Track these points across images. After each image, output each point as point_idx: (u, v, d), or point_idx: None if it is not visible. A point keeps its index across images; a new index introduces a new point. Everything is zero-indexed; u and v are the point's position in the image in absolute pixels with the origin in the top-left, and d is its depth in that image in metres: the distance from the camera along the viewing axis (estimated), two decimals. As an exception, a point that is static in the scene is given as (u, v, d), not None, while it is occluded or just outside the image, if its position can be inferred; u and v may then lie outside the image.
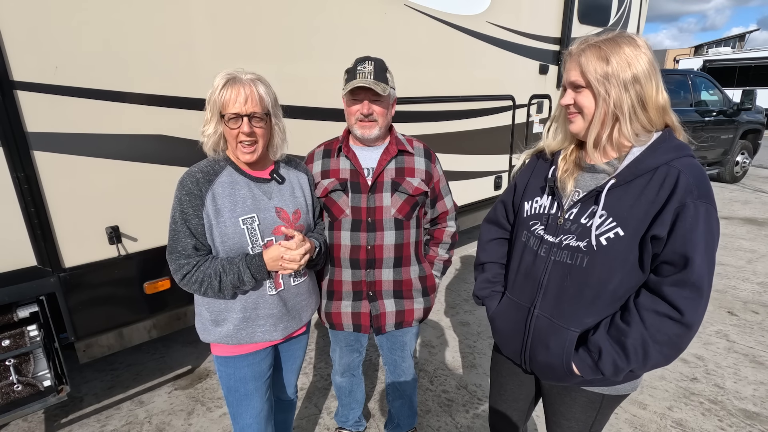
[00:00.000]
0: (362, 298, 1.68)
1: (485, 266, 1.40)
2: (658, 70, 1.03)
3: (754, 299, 3.66)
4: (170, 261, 1.32)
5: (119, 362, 2.91)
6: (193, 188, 1.29)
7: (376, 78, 1.48)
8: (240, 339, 1.39)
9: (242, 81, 1.27)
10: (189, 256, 1.30)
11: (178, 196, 1.30)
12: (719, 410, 2.37)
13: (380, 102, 1.53)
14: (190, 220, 1.29)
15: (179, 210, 1.29)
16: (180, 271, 1.30)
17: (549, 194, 1.19)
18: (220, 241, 1.32)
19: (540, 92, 4.36)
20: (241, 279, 1.29)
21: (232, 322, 1.38)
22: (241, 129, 1.27)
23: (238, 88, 1.26)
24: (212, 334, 1.41)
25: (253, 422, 1.49)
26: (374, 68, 1.49)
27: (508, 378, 1.40)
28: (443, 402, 2.48)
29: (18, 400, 1.79)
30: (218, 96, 1.26)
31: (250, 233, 1.34)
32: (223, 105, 1.26)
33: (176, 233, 1.30)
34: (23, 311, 1.89)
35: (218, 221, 1.31)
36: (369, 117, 1.53)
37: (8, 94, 1.67)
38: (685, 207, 0.96)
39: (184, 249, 1.30)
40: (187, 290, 1.35)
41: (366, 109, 1.51)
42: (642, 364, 1.03)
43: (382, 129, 1.57)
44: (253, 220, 1.34)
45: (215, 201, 1.31)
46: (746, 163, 7.99)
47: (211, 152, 1.37)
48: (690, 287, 0.96)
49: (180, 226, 1.29)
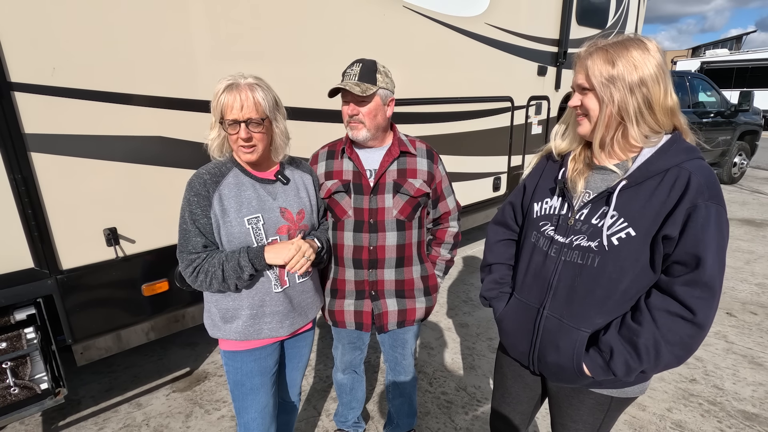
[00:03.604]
0: (365, 297, 1.70)
1: (493, 267, 1.41)
2: (668, 73, 1.03)
3: (752, 300, 3.66)
4: (180, 259, 1.37)
5: (117, 365, 2.90)
6: (200, 189, 1.34)
7: (360, 79, 1.49)
8: (248, 335, 1.44)
9: (240, 87, 1.29)
10: (198, 253, 1.35)
11: (187, 197, 1.35)
12: (718, 411, 2.37)
13: (364, 102, 1.52)
14: (199, 220, 1.34)
15: (188, 210, 1.34)
16: (191, 266, 1.34)
17: (559, 195, 1.20)
18: (227, 240, 1.37)
19: (538, 94, 4.37)
20: (240, 264, 1.32)
21: (241, 319, 1.42)
22: (239, 134, 1.31)
23: (234, 94, 1.28)
24: (221, 331, 1.45)
25: (257, 416, 1.52)
26: (360, 70, 1.50)
27: (513, 381, 1.40)
28: (442, 404, 2.47)
29: (15, 403, 1.78)
30: (217, 102, 1.30)
31: (255, 233, 1.38)
32: (223, 110, 1.30)
33: (186, 233, 1.35)
34: (20, 314, 1.88)
35: (225, 221, 1.35)
36: (354, 118, 1.54)
37: (6, 96, 1.67)
38: (696, 208, 0.97)
39: (194, 247, 1.35)
40: (196, 287, 1.37)
41: (351, 109, 1.53)
42: (654, 365, 1.03)
43: (370, 131, 1.56)
44: (258, 220, 1.38)
45: (222, 201, 1.35)
46: (744, 164, 8.01)
47: (218, 155, 1.41)
48: (702, 287, 0.97)
49: (190, 225, 1.34)
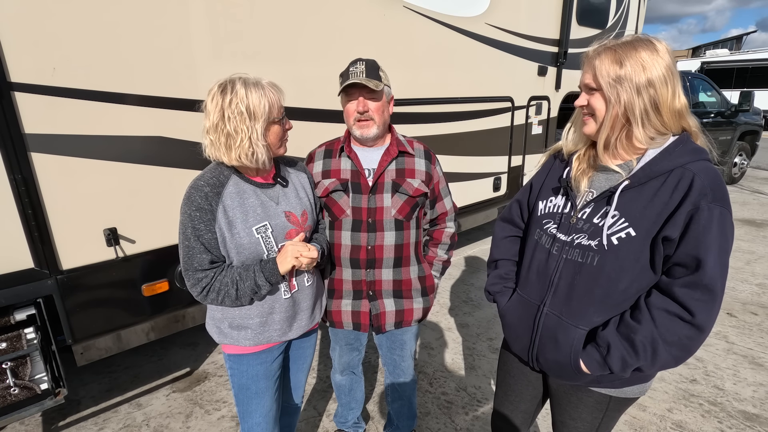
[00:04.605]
0: (362, 297, 1.69)
1: (498, 263, 1.42)
2: (677, 75, 1.02)
3: (753, 300, 3.66)
4: (187, 277, 1.30)
5: (117, 365, 2.89)
6: (203, 203, 1.26)
7: (368, 76, 1.50)
8: (258, 341, 1.41)
9: (261, 84, 1.29)
10: (205, 270, 1.29)
11: (188, 212, 1.26)
12: (719, 412, 2.37)
13: (374, 98, 1.54)
14: (203, 236, 1.27)
15: (191, 227, 1.26)
16: (199, 284, 1.29)
17: (563, 194, 1.21)
18: (236, 252, 1.31)
19: (539, 94, 4.36)
20: (257, 284, 1.30)
21: (251, 328, 1.39)
22: (288, 126, 1.39)
23: (263, 92, 1.28)
24: (229, 338, 1.41)
25: (262, 421, 1.50)
26: (366, 67, 1.51)
27: (516, 377, 1.41)
28: (442, 404, 2.47)
29: (15, 403, 1.78)
30: (259, 105, 1.26)
31: (265, 241, 1.34)
32: (269, 110, 1.29)
33: (191, 250, 1.28)
34: (20, 314, 1.88)
35: (232, 233, 1.29)
36: (365, 114, 1.54)
37: (6, 96, 1.67)
38: (699, 210, 0.96)
39: (200, 265, 1.28)
40: (205, 303, 1.34)
41: (361, 105, 1.52)
42: (651, 363, 1.03)
43: (380, 128, 1.58)
44: (266, 228, 1.34)
45: (227, 213, 1.29)
46: (744, 164, 8.01)
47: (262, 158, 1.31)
48: (702, 289, 0.97)
49: (194, 242, 1.27)
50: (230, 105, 1.22)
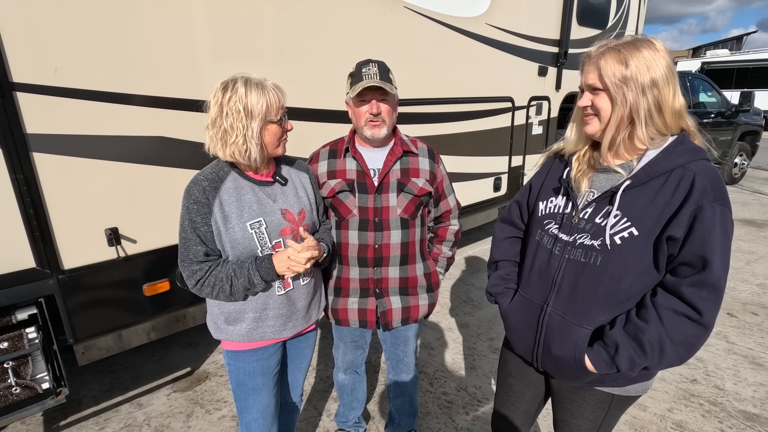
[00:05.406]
0: (369, 295, 1.71)
1: (499, 264, 1.43)
2: (676, 75, 1.03)
3: (753, 300, 3.66)
4: (183, 268, 1.34)
5: (118, 364, 2.90)
6: (200, 197, 1.31)
7: (381, 78, 1.51)
8: (251, 338, 1.44)
9: (263, 84, 1.31)
10: (201, 262, 1.33)
11: (186, 205, 1.31)
12: (719, 412, 2.37)
13: (387, 101, 1.56)
14: (199, 228, 1.31)
15: (188, 219, 1.31)
16: (193, 277, 1.33)
17: (564, 194, 1.21)
18: (230, 247, 1.35)
19: (539, 94, 4.37)
20: (251, 282, 1.32)
21: (245, 322, 1.42)
22: (287, 127, 1.40)
23: (264, 92, 1.31)
24: (224, 333, 1.44)
25: (259, 417, 1.52)
26: (379, 69, 1.53)
27: (518, 378, 1.41)
28: (443, 404, 2.47)
29: (16, 402, 1.78)
30: (258, 104, 1.28)
31: (259, 237, 1.36)
32: (268, 109, 1.30)
33: (187, 241, 1.32)
34: (22, 313, 1.88)
35: (227, 227, 1.33)
36: (378, 116, 1.55)
37: (8, 96, 1.67)
38: (702, 209, 0.97)
39: (195, 256, 1.32)
40: (200, 295, 1.37)
41: (375, 108, 1.54)
42: (657, 362, 1.04)
43: (389, 129, 1.60)
44: (261, 224, 1.37)
45: (223, 208, 1.33)
46: (744, 164, 8.01)
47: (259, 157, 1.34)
48: (709, 288, 0.98)
49: (190, 234, 1.31)
50: (229, 102, 1.26)
